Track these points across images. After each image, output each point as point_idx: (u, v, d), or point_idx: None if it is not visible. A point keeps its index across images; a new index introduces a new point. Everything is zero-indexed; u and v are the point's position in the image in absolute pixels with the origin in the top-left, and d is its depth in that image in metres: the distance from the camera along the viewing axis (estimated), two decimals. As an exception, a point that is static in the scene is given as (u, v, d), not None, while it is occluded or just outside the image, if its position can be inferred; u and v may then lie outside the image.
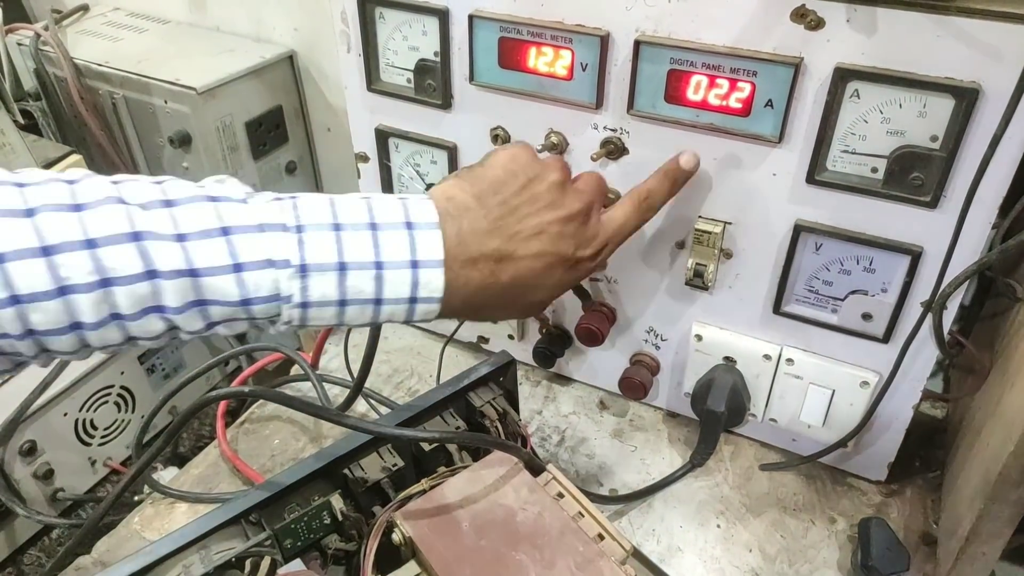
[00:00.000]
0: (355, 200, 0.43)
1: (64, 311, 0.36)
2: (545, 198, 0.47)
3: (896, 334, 0.61)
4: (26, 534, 0.93)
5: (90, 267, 0.36)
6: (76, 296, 0.36)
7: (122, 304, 0.37)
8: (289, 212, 0.41)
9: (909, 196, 0.55)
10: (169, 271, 0.37)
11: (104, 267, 0.36)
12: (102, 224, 0.36)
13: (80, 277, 0.36)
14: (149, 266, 0.37)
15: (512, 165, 0.47)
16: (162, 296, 0.38)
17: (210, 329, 0.41)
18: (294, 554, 0.53)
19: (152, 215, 0.38)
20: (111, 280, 0.36)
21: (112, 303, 0.37)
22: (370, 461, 0.56)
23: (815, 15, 0.52)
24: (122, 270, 0.37)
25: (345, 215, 0.41)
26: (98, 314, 0.37)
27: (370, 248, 0.41)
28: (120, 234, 0.37)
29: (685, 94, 0.58)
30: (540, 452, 0.75)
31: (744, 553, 0.65)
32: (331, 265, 0.40)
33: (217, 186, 0.41)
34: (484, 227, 0.45)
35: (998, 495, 0.52)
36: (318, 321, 0.42)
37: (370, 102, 0.75)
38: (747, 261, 0.64)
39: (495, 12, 0.63)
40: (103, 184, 0.38)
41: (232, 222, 0.39)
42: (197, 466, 0.75)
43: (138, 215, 0.37)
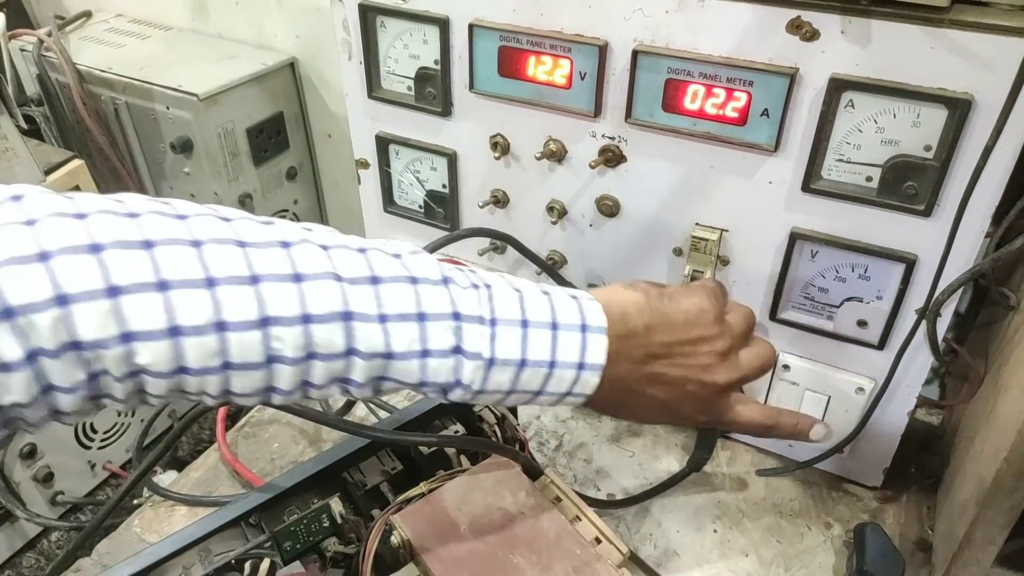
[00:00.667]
0: (538, 295, 0.44)
1: (263, 379, 0.37)
2: (703, 361, 0.47)
3: (891, 341, 0.62)
4: (26, 537, 0.93)
5: (302, 342, 0.37)
6: (280, 366, 0.37)
7: (316, 377, 0.38)
8: (485, 304, 0.41)
9: (903, 205, 0.55)
10: (368, 352, 0.38)
11: (313, 343, 0.37)
12: (319, 301, 0.37)
13: (291, 351, 0.37)
14: (351, 345, 0.38)
15: (697, 317, 0.47)
16: (352, 371, 0.39)
17: (380, 394, 0.43)
18: (293, 556, 0.53)
19: (360, 293, 0.38)
20: (315, 355, 0.37)
21: (308, 375, 0.38)
22: (369, 465, 0.56)
23: (810, 26, 0.52)
24: (327, 347, 0.37)
25: (532, 312, 0.42)
26: (292, 384, 0.38)
27: (548, 348, 0.42)
28: (333, 312, 0.37)
29: (682, 103, 0.59)
30: (538, 457, 0.76)
31: (740, 558, 0.66)
32: (514, 361, 0.42)
33: (415, 261, 0.41)
34: (638, 357, 0.45)
35: (992, 501, 0.52)
36: (477, 400, 0.44)
37: (371, 109, 0.75)
38: (743, 268, 0.65)
39: (495, 21, 0.64)
40: (317, 254, 0.38)
41: (429, 308, 0.40)
42: (197, 469, 0.75)
43: (349, 293, 0.38)
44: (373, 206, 0.83)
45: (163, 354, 0.34)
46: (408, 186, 0.79)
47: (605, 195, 0.67)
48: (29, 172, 0.91)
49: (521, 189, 0.72)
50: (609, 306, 0.45)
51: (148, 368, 0.34)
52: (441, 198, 0.77)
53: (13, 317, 0.31)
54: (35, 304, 0.31)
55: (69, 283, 0.32)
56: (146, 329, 0.33)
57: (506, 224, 0.75)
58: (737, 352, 0.49)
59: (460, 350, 0.40)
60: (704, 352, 0.47)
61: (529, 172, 0.70)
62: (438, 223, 0.79)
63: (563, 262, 0.74)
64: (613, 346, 0.44)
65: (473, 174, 0.74)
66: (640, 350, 0.45)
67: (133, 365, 0.34)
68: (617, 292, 0.46)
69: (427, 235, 0.78)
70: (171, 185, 1.16)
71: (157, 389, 0.35)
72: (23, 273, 0.31)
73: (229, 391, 0.37)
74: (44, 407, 0.34)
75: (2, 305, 0.31)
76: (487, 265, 0.79)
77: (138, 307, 0.33)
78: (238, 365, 0.36)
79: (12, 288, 0.31)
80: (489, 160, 0.72)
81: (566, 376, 0.43)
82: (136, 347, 0.33)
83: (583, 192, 0.69)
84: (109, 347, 0.33)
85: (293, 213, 1.21)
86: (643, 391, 0.47)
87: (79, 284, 0.32)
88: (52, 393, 0.33)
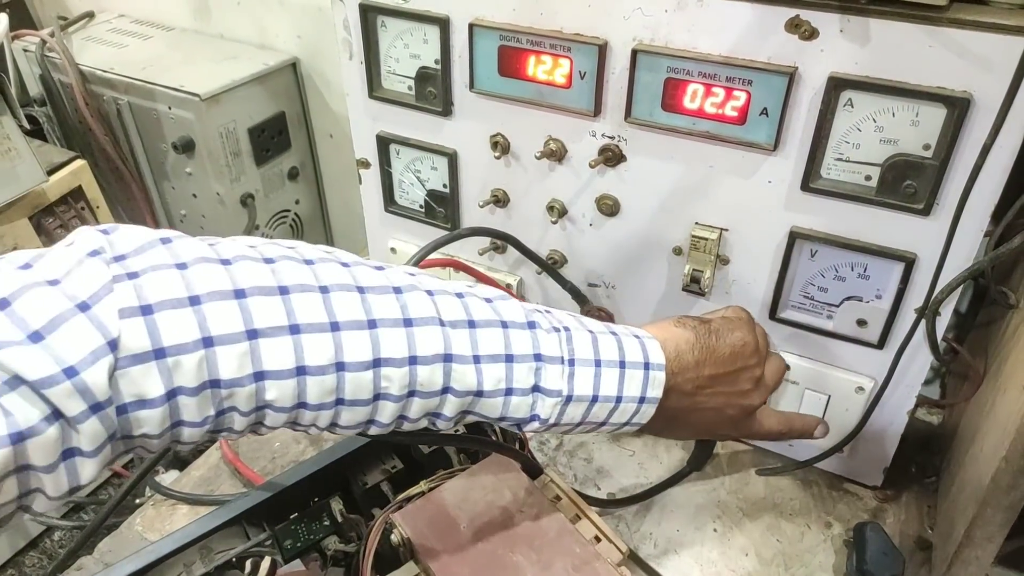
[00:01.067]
0: (607, 335, 0.47)
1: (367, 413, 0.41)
2: (743, 387, 0.52)
3: (891, 340, 0.62)
4: (28, 536, 0.94)
5: (407, 381, 0.40)
6: (385, 402, 0.40)
7: (413, 412, 0.42)
8: (564, 345, 0.45)
9: (902, 204, 0.55)
10: (461, 391, 0.42)
11: (417, 382, 0.40)
12: (425, 344, 0.40)
13: (396, 390, 0.40)
14: (447, 384, 0.42)
15: (742, 350, 0.52)
16: (444, 407, 0.43)
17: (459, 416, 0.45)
18: (294, 555, 0.54)
19: (459, 336, 0.42)
20: (416, 392, 0.41)
21: (407, 410, 0.42)
22: (369, 464, 0.57)
23: (809, 25, 0.52)
24: (428, 386, 0.41)
25: (604, 352, 0.46)
26: (391, 418, 0.41)
27: (616, 384, 0.46)
28: (436, 355, 0.41)
29: (682, 102, 0.59)
30: (539, 456, 0.76)
31: (740, 557, 0.66)
32: (587, 397, 0.46)
33: (505, 307, 0.45)
34: (688, 389, 0.50)
35: (991, 500, 0.52)
36: (549, 432, 0.48)
37: (372, 109, 0.76)
38: (743, 267, 0.65)
39: (495, 21, 0.64)
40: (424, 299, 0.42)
41: (516, 350, 0.43)
42: (198, 468, 0.75)
43: (450, 336, 0.42)
44: (374, 206, 0.83)
45: (289, 391, 0.37)
46: (409, 186, 0.79)
47: (605, 194, 0.68)
48: (31, 172, 0.91)
49: (521, 188, 0.72)
50: (665, 344, 0.49)
51: (273, 404, 0.37)
52: (442, 197, 0.78)
53: (163, 357, 0.33)
54: (184, 345, 0.33)
55: (216, 326, 0.34)
56: (277, 368, 0.36)
57: (506, 223, 0.75)
58: (764, 373, 0.54)
59: (539, 388, 0.44)
60: (744, 379, 0.52)
61: (529, 171, 0.71)
62: (439, 222, 0.79)
63: (563, 261, 0.74)
64: (668, 381, 0.48)
65: (473, 174, 0.74)
66: (691, 383, 0.49)
67: (261, 401, 0.37)
68: (670, 330, 0.50)
69: (427, 234, 0.78)
70: (173, 185, 1.17)
71: (275, 422, 0.38)
72: (176, 316, 0.33)
73: (336, 423, 0.40)
74: (169, 438, 0.36)
75: (155, 344, 0.33)
76: (487, 265, 0.79)
77: (273, 349, 0.36)
78: (349, 401, 0.39)
79: (167, 330, 0.33)
80: (489, 160, 0.72)
81: (628, 408, 0.47)
82: (267, 384, 0.36)
83: (583, 191, 0.69)
84: (244, 385, 0.35)
85: (295, 213, 1.21)
86: (688, 418, 0.51)
87: (224, 327, 0.34)
88: (180, 427, 0.35)
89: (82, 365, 0.31)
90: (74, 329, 0.31)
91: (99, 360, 0.31)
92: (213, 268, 0.36)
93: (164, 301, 0.34)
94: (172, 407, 0.34)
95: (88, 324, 0.31)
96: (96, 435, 0.32)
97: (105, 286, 0.33)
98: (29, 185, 0.91)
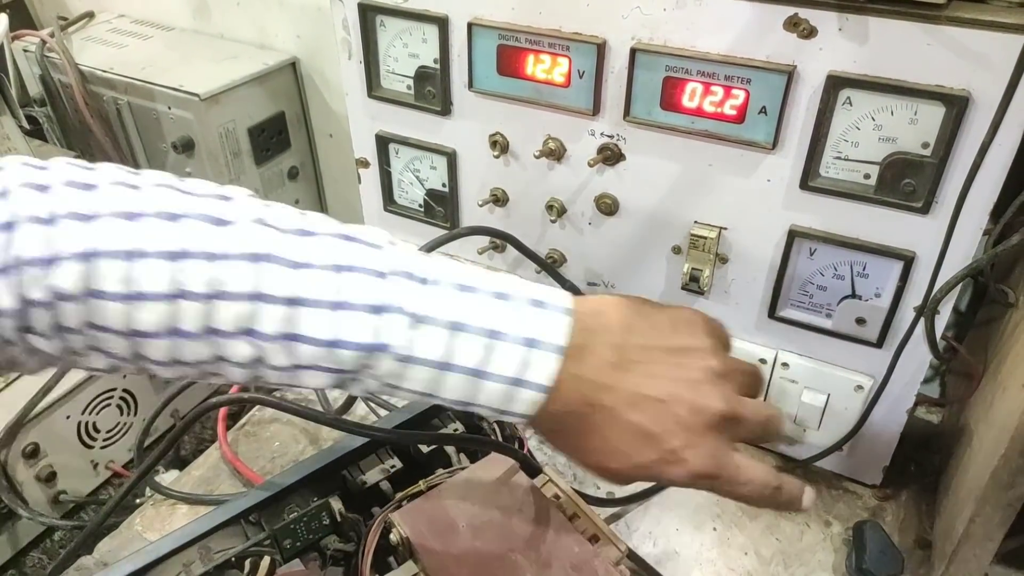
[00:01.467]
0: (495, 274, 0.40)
1: (168, 314, 0.35)
2: (692, 375, 0.40)
3: (890, 338, 0.62)
4: (28, 536, 0.94)
5: (207, 278, 0.35)
6: (186, 303, 0.35)
7: (222, 321, 0.36)
8: (424, 262, 0.39)
9: (901, 202, 0.55)
10: (277, 296, 0.36)
11: (220, 280, 0.35)
12: (236, 243, 0.36)
13: (198, 287, 0.35)
14: (258, 286, 0.36)
15: (686, 324, 0.41)
16: (259, 319, 0.36)
17: (295, 371, 0.38)
18: (293, 554, 0.54)
19: (281, 240, 0.37)
20: (222, 294, 0.36)
21: (212, 318, 0.36)
22: (369, 463, 0.57)
23: (808, 24, 0.52)
24: (234, 285, 0.36)
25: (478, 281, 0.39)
26: (197, 326, 0.36)
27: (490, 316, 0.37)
28: (247, 254, 0.36)
29: (680, 101, 0.59)
30: (539, 455, 0.76)
31: (740, 556, 0.66)
32: (445, 323, 0.37)
33: (361, 230, 0.39)
34: (610, 358, 0.39)
35: (989, 498, 0.52)
36: (411, 384, 0.38)
37: (371, 108, 0.76)
38: (742, 266, 0.65)
39: (494, 20, 0.64)
40: (254, 205, 0.38)
41: (354, 263, 0.37)
42: (198, 468, 0.75)
43: (269, 238, 0.37)
44: (373, 205, 0.83)
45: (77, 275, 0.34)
46: (408, 185, 0.79)
47: (604, 193, 0.68)
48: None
49: (520, 187, 0.72)
50: (582, 303, 0.40)
51: (62, 290, 0.34)
52: (441, 197, 0.78)
53: None
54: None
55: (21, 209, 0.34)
56: (68, 252, 0.34)
57: (505, 222, 0.75)
58: (734, 389, 0.41)
59: (380, 307, 0.37)
60: (693, 366, 0.40)
61: (528, 170, 0.71)
62: (438, 222, 0.79)
63: (563, 260, 0.74)
64: (580, 339, 0.38)
65: (472, 173, 0.74)
66: (613, 350, 0.39)
67: (51, 288, 0.34)
68: (592, 297, 0.42)
69: (427, 234, 0.78)
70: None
71: (69, 319, 0.35)
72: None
73: (135, 329, 0.35)
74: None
75: None
76: (487, 264, 0.79)
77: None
78: (150, 296, 0.35)
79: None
80: (488, 159, 0.72)
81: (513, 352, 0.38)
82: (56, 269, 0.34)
83: (582, 190, 0.69)
84: (36, 267, 0.34)
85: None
86: (619, 412, 0.39)
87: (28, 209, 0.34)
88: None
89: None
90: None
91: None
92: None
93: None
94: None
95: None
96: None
97: None
98: (29, 185, 0.91)
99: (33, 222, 0.34)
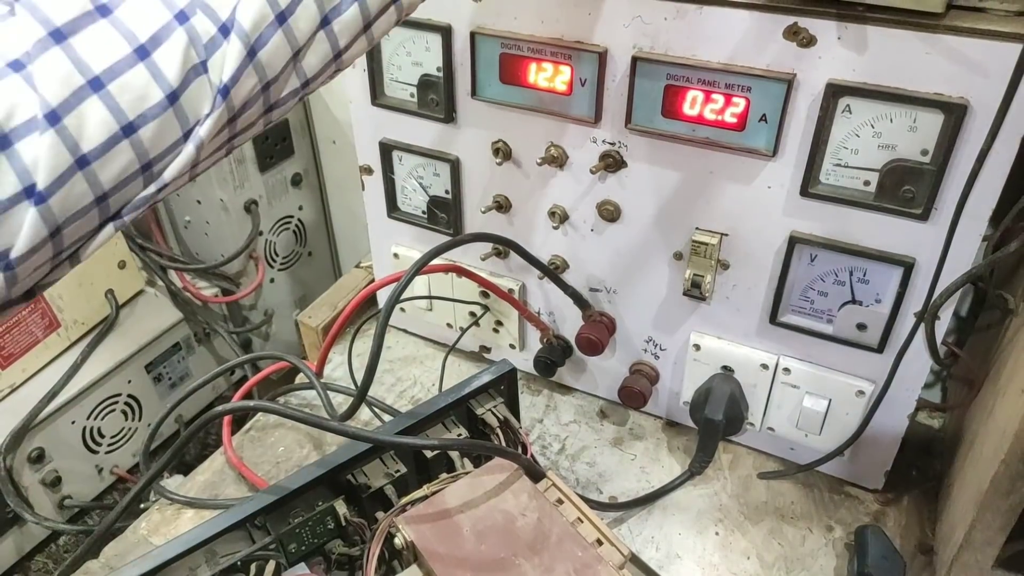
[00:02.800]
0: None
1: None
2: None
3: (890, 344, 0.62)
4: (34, 540, 0.94)
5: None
6: None
7: None
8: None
9: (901, 209, 0.56)
10: None
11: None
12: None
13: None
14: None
15: None
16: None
17: None
18: (298, 558, 0.54)
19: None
20: None
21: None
22: (373, 467, 0.57)
23: (807, 33, 0.53)
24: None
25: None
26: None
27: None
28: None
29: (681, 109, 0.60)
30: (541, 460, 0.76)
31: (742, 560, 0.66)
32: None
33: None
34: None
35: (990, 503, 0.53)
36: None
37: (375, 116, 0.76)
38: (743, 272, 0.65)
39: (496, 29, 0.64)
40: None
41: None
42: (203, 473, 0.76)
43: None
44: (377, 212, 0.83)
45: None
46: (411, 192, 0.80)
47: (606, 200, 0.68)
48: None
49: (523, 194, 0.73)
50: None
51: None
52: (444, 204, 0.78)
53: None
54: None
55: None
56: None
57: (508, 229, 0.75)
58: None
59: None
60: None
61: (531, 177, 0.71)
62: (441, 228, 0.80)
63: (565, 267, 0.75)
64: None
65: (475, 180, 0.75)
66: None
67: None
68: None
69: (430, 240, 0.79)
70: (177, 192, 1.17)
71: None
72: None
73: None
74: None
75: None
76: (490, 270, 0.80)
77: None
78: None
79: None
80: (491, 166, 0.72)
81: None
82: None
83: (584, 197, 0.69)
84: None
85: (298, 219, 1.22)
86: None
87: None
88: None
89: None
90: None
91: None
92: None
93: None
94: None
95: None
96: None
97: None
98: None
99: None
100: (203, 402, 1.15)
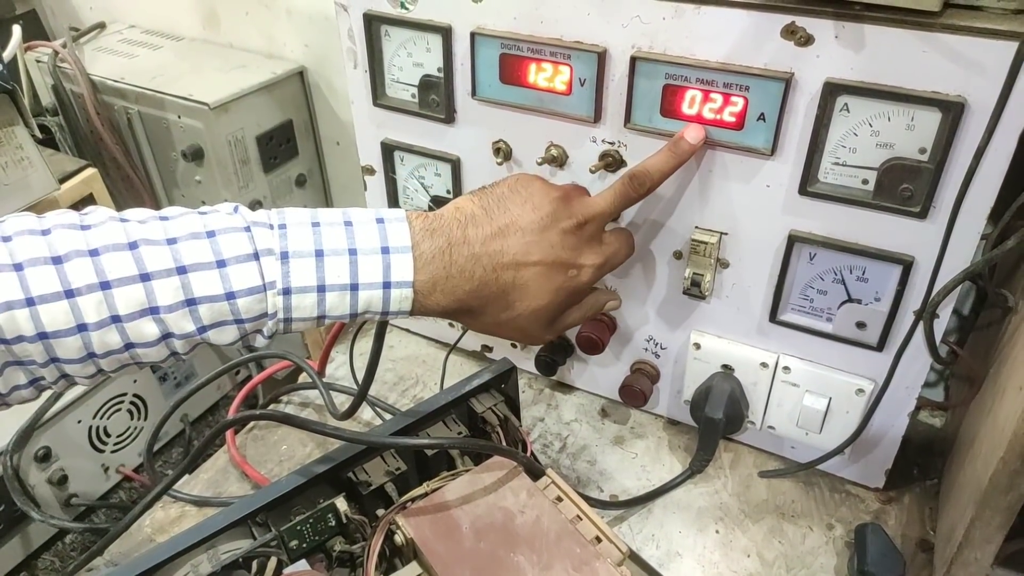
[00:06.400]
0: (336, 226, 0.48)
1: (70, 312, 0.41)
2: (535, 200, 0.54)
3: (890, 342, 0.62)
4: (40, 539, 0.95)
5: (92, 271, 0.42)
6: (79, 299, 0.41)
7: (121, 307, 0.42)
8: (273, 215, 0.47)
9: (899, 207, 0.56)
10: (160, 270, 0.43)
11: (103, 271, 0.42)
12: (103, 238, 0.43)
13: (82, 281, 0.41)
14: (143, 270, 0.43)
15: (514, 181, 0.56)
16: (156, 297, 0.43)
17: (201, 334, 0.45)
18: (299, 555, 0.54)
19: (147, 226, 0.44)
20: (109, 284, 0.42)
21: (111, 305, 0.42)
22: (374, 465, 0.57)
23: (805, 32, 0.53)
24: (119, 273, 0.42)
25: (327, 242, 0.47)
26: (98, 315, 0.42)
27: (346, 272, 0.46)
28: (119, 243, 0.43)
29: (680, 108, 0.60)
30: (543, 459, 0.76)
31: (742, 558, 0.66)
32: (311, 288, 0.46)
33: (207, 208, 0.47)
34: (476, 250, 0.51)
35: (989, 501, 0.53)
36: (302, 312, 0.46)
37: (376, 116, 0.77)
38: (743, 271, 0.66)
39: (496, 29, 0.65)
40: (108, 211, 0.45)
41: (217, 226, 0.45)
42: (207, 471, 0.76)
43: (134, 228, 0.44)
44: (379, 212, 0.84)
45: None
46: (413, 192, 0.80)
47: (606, 199, 0.68)
48: (44, 180, 0.93)
49: (524, 194, 0.73)
50: (443, 211, 0.52)
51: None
52: (445, 203, 0.78)
53: None
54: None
55: None
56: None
57: (509, 229, 0.76)
58: (575, 198, 0.56)
59: (254, 254, 0.45)
60: (533, 194, 0.54)
61: (531, 177, 0.71)
62: (443, 228, 0.80)
63: (566, 266, 0.75)
64: (450, 235, 0.50)
65: (476, 179, 0.75)
66: (487, 225, 0.52)
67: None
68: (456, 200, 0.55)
69: (432, 240, 0.79)
70: (182, 193, 1.18)
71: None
72: None
73: (43, 332, 0.41)
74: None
75: None
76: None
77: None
78: (38, 299, 0.41)
79: None
80: (492, 165, 0.73)
81: (375, 296, 0.47)
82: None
83: (584, 197, 0.70)
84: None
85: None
86: (503, 285, 0.52)
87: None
88: None
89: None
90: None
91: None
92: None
93: None
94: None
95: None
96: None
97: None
98: (41, 193, 0.93)
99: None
100: (208, 401, 1.15)
